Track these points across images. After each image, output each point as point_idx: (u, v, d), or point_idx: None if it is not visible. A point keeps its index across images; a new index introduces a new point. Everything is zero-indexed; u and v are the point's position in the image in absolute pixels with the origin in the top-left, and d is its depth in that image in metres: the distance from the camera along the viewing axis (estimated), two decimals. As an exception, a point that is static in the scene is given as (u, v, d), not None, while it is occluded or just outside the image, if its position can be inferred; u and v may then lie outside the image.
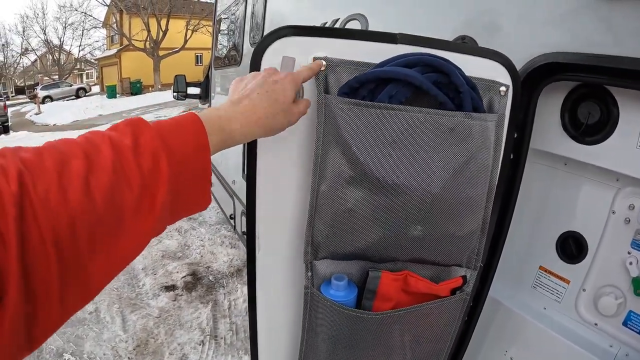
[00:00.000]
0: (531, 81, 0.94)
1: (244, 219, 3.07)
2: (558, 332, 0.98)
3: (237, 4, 3.23)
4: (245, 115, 0.64)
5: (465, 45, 0.83)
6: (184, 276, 3.50)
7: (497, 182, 0.90)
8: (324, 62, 0.75)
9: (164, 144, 0.52)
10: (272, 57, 0.76)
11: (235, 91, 0.68)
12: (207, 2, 24.85)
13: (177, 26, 24.15)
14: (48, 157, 0.44)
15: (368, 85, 0.72)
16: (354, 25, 1.53)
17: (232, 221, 3.49)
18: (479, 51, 0.86)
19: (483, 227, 0.90)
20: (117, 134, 0.51)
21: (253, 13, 2.72)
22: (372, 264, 0.86)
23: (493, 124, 0.84)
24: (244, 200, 2.81)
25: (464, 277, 0.91)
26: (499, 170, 0.90)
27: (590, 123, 0.92)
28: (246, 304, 3.14)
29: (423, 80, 0.71)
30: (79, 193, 0.43)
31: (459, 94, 0.75)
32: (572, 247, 0.99)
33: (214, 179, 3.37)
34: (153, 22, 23.91)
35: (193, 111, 0.62)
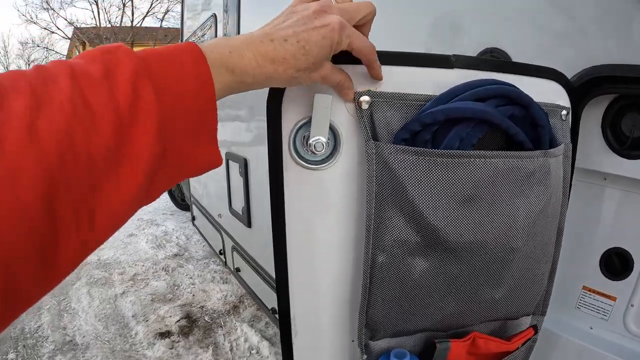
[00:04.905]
0: (578, 97, 0.83)
1: (235, 254, 2.88)
2: (607, 350, 0.92)
3: (203, 28, 3.04)
4: (262, 57, 0.46)
5: (522, 65, 0.70)
6: (178, 320, 3.26)
7: (565, 217, 0.79)
8: (368, 98, 0.57)
9: (148, 71, 0.37)
10: (297, 97, 0.58)
11: (272, 22, 0.50)
12: (169, 28, 24.47)
13: (141, 54, 23.58)
14: None
15: (432, 127, 0.57)
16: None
17: (222, 257, 3.28)
18: (537, 71, 0.72)
19: (552, 268, 0.79)
20: (83, 61, 0.37)
21: (225, 35, 2.54)
22: (435, 333, 0.71)
23: (562, 157, 0.71)
24: (233, 235, 2.54)
25: (535, 327, 0.80)
26: (567, 206, 0.78)
27: (636, 136, 0.85)
28: (248, 344, 2.94)
29: (504, 119, 0.56)
30: (20, 141, 0.30)
31: (536, 128, 0.62)
32: (616, 264, 0.94)
33: (197, 212, 3.10)
34: (116, 52, 23.27)
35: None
